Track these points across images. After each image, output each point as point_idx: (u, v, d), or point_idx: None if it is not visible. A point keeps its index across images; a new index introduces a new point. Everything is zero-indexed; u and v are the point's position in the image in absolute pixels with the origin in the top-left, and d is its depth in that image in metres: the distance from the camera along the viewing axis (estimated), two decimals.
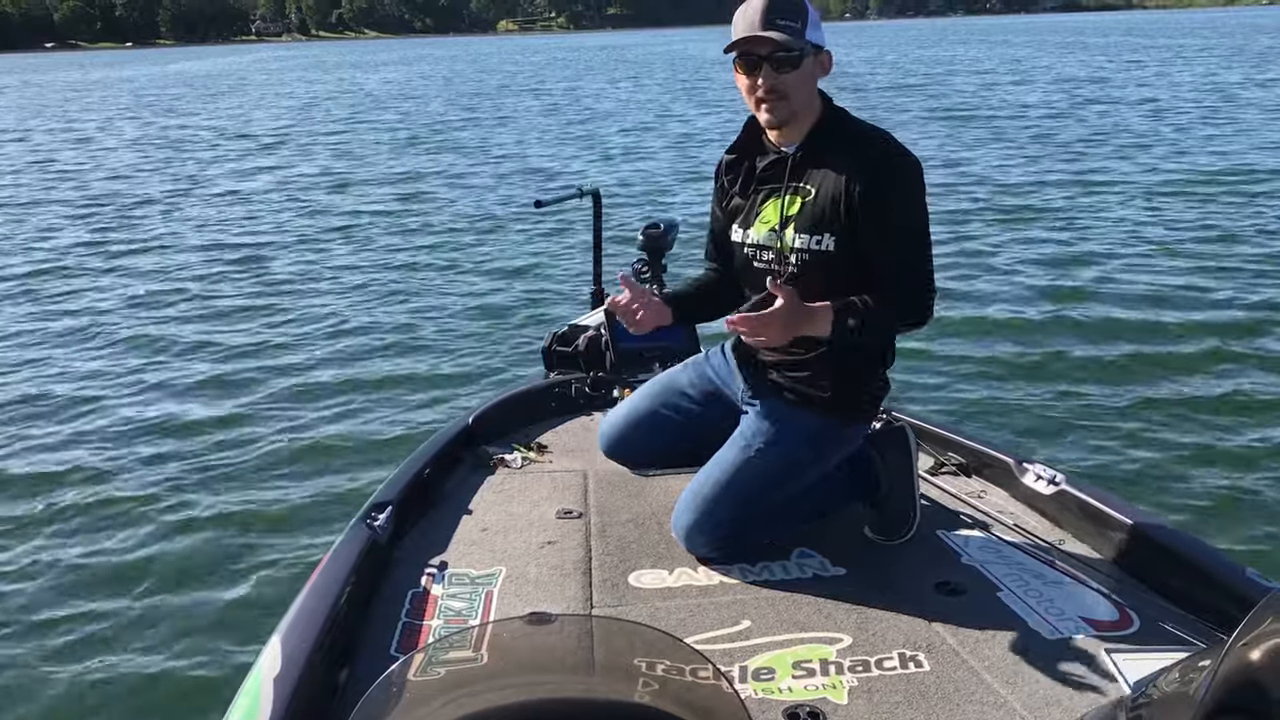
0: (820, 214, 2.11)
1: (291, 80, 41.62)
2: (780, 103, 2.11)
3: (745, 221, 2.24)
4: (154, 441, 4.77)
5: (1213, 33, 57.18)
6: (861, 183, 2.07)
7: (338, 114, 24.72)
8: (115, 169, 15.53)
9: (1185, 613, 1.88)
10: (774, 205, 2.19)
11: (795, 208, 2.15)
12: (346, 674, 1.74)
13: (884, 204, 2.07)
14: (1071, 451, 4.28)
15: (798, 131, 2.17)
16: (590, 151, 15.85)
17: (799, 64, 2.09)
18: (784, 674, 1.72)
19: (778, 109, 2.12)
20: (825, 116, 2.19)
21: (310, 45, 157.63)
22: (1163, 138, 14.50)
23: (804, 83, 2.12)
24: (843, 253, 2.10)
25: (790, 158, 2.18)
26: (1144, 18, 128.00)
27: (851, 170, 2.09)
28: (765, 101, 2.12)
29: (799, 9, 2.10)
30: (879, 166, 2.09)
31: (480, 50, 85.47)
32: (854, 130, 2.18)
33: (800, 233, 2.13)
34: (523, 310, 6.93)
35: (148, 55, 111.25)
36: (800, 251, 2.14)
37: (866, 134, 2.18)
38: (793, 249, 2.15)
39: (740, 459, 2.18)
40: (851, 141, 2.14)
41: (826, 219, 2.10)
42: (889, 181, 2.09)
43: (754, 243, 2.22)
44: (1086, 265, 7.47)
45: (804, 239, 2.13)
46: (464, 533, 2.29)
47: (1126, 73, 28.31)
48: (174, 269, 8.61)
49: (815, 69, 2.15)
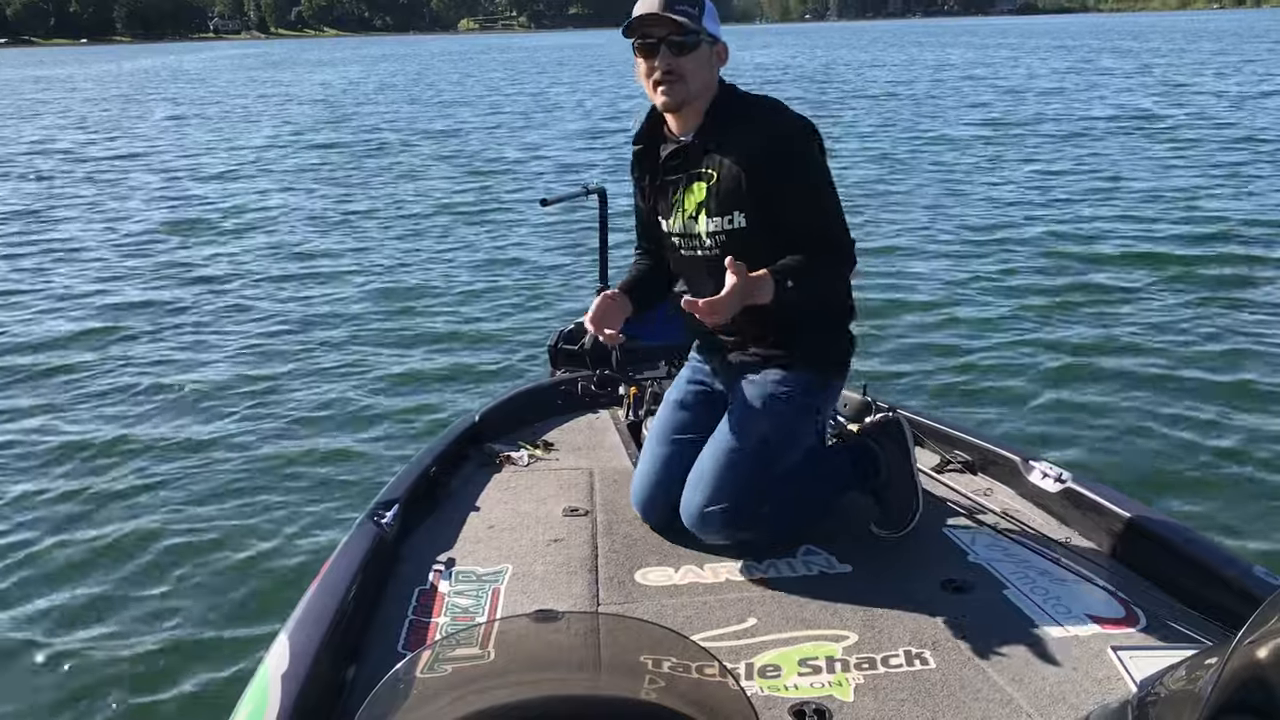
0: (726, 194, 2.18)
1: (262, 80, 41.50)
2: (677, 85, 2.17)
3: (665, 212, 2.32)
4: (160, 439, 4.78)
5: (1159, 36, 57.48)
6: (761, 156, 2.14)
7: (322, 112, 24.63)
8: (109, 160, 15.58)
9: (1192, 610, 1.87)
10: (683, 193, 2.25)
11: (702, 193, 2.21)
12: (354, 671, 1.75)
13: (787, 171, 2.14)
14: (1078, 449, 4.27)
15: (694, 118, 2.23)
16: (593, 149, 15.85)
17: (696, 47, 2.15)
18: (790, 671, 1.72)
19: (674, 91, 2.17)
20: (717, 98, 2.24)
21: (271, 43, 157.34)
22: (1162, 135, 14.47)
23: (701, 68, 2.18)
24: (755, 227, 2.17)
25: (689, 144, 2.23)
26: (1095, 20, 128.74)
27: (748, 146, 2.15)
28: (662, 84, 2.17)
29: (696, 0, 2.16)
30: (773, 136, 2.16)
31: (448, 48, 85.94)
32: (744, 105, 2.24)
33: (712, 216, 2.20)
34: (529, 308, 6.93)
35: (103, 53, 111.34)
36: (715, 234, 2.21)
37: (755, 105, 2.24)
38: (709, 233, 2.22)
39: (735, 430, 2.20)
40: (743, 117, 2.21)
41: (733, 197, 2.17)
42: (786, 148, 2.15)
43: (676, 232, 2.30)
44: (1092, 262, 7.46)
45: (716, 221, 2.20)
46: (471, 530, 2.30)
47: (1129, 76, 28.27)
48: (174, 267, 8.62)
49: (713, 58, 2.21)
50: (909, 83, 27.57)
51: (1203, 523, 3.46)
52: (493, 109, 24.15)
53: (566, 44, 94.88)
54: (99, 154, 16.85)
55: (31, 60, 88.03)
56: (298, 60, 66.32)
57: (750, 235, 2.17)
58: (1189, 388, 4.92)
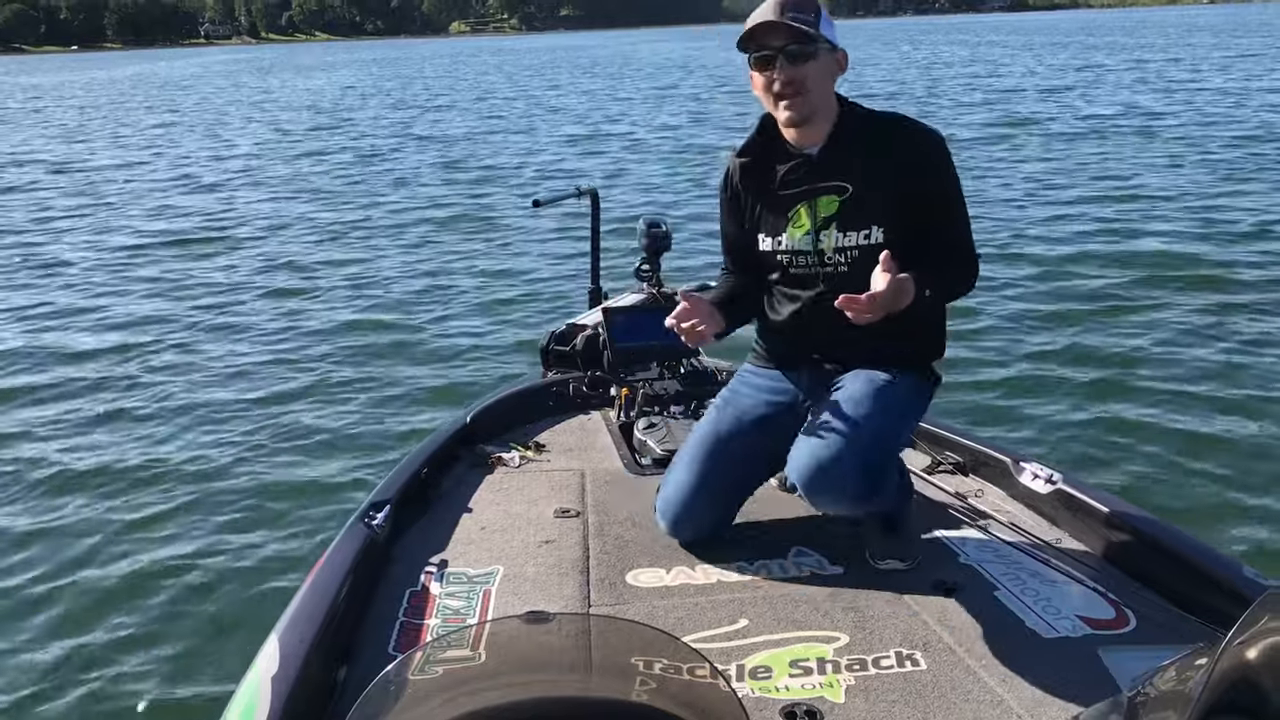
0: (866, 208, 2.08)
1: (253, 86, 41.39)
2: (799, 98, 2.05)
3: (774, 229, 2.18)
4: (151, 441, 4.77)
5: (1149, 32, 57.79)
6: (913, 174, 2.06)
7: (314, 117, 24.57)
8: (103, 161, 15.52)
9: (1182, 611, 1.88)
10: (805, 209, 2.13)
11: (834, 207, 2.11)
12: (345, 673, 1.74)
13: (936, 186, 2.08)
14: (1068, 450, 4.28)
15: (819, 131, 2.12)
16: (585, 150, 15.85)
17: (815, 55, 2.05)
18: (781, 673, 1.72)
19: (797, 105, 2.06)
20: (844, 112, 2.15)
21: (261, 48, 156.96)
22: (1166, 129, 14.52)
23: (822, 77, 2.08)
24: (892, 241, 2.06)
25: (816, 158, 2.13)
26: (1087, 17, 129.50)
27: (896, 164, 2.07)
28: (784, 97, 2.06)
29: (811, 5, 2.06)
30: (917, 150, 2.09)
31: (439, 51, 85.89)
32: (877, 120, 2.15)
33: (845, 230, 2.10)
34: (521, 309, 6.92)
35: (93, 59, 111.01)
36: (846, 249, 2.10)
37: (886, 119, 2.16)
38: (836, 248, 2.11)
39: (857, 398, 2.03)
40: (881, 133, 2.12)
41: (872, 212, 2.08)
42: (931, 163, 2.08)
43: (788, 249, 2.16)
44: (1082, 262, 7.48)
45: (850, 236, 2.09)
46: (462, 531, 2.29)
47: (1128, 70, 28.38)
48: (164, 271, 8.60)
49: (832, 66, 2.10)
50: (908, 83, 27.60)
51: (1193, 524, 3.47)
52: (485, 113, 24.14)
53: (558, 45, 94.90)
54: (83, 165, 16.71)
55: (24, 68, 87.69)
56: (288, 65, 66.27)
57: (885, 250, 2.01)
58: (1180, 389, 4.94)
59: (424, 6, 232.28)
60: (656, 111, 22.14)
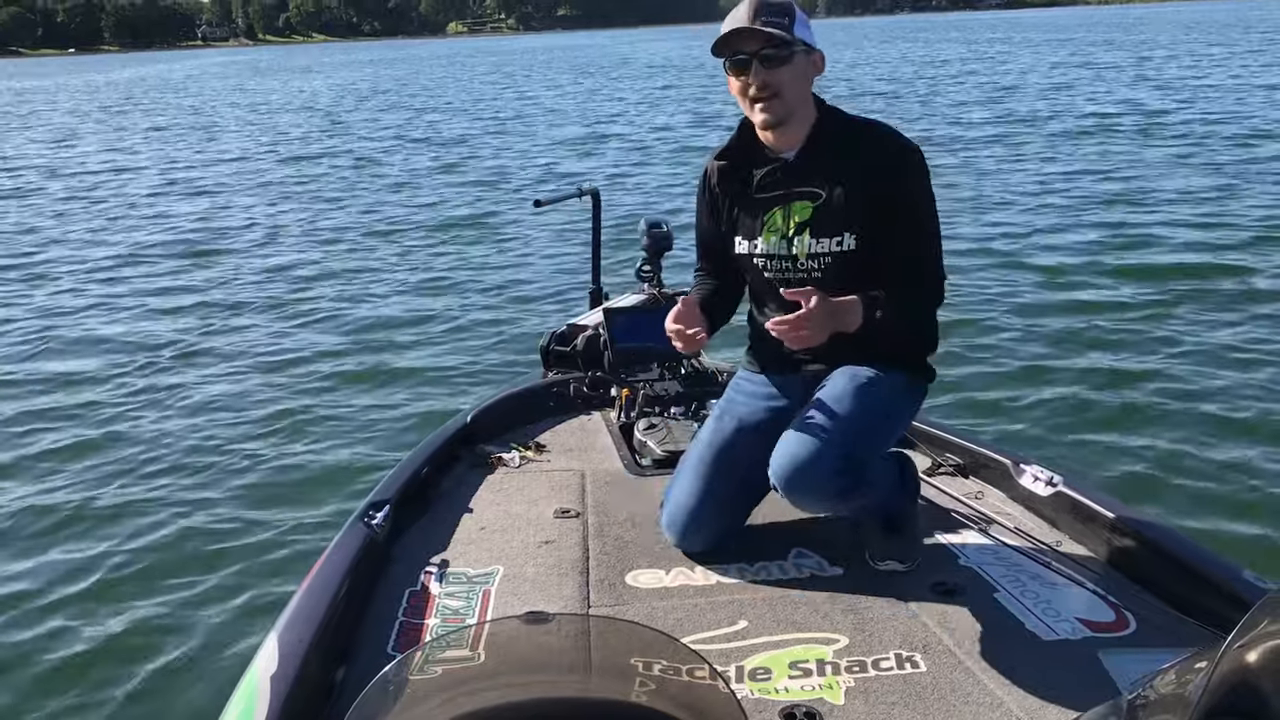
0: (838, 214, 2.07)
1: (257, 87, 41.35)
2: (775, 101, 2.06)
3: (749, 232, 2.18)
4: (150, 440, 4.77)
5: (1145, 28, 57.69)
6: (880, 178, 2.05)
7: (311, 120, 24.47)
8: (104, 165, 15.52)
9: (1182, 614, 1.88)
10: (779, 213, 2.13)
11: (807, 213, 2.10)
12: (344, 672, 1.74)
13: (907, 199, 2.06)
14: (1069, 452, 4.27)
15: (796, 134, 2.12)
16: (585, 151, 15.84)
17: (789, 60, 2.05)
18: (780, 674, 1.72)
19: (772, 108, 2.07)
20: (822, 117, 2.14)
21: (259, 50, 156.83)
22: (1167, 126, 14.51)
23: (797, 80, 2.08)
24: (863, 249, 2.05)
25: (792, 162, 2.13)
26: (1084, 13, 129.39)
27: (865, 167, 2.06)
28: (759, 100, 2.06)
29: (785, 8, 2.06)
30: (895, 161, 2.07)
31: (437, 52, 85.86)
32: (854, 126, 2.14)
33: (817, 236, 2.08)
34: (521, 309, 6.92)
35: (90, 62, 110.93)
36: (819, 256, 2.09)
37: (869, 128, 2.14)
38: (809, 254, 2.10)
39: (840, 393, 2.02)
40: (855, 138, 2.11)
41: (845, 218, 2.06)
42: (907, 176, 2.07)
43: (762, 253, 2.16)
44: (1084, 264, 7.47)
45: (823, 242, 2.08)
46: (462, 532, 2.29)
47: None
48: (160, 272, 8.60)
49: (808, 68, 2.10)
50: (908, 81, 27.60)
51: (1193, 527, 3.47)
52: (482, 113, 24.12)
53: (555, 45, 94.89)
54: (75, 169, 16.64)
55: (19, 71, 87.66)
56: (285, 67, 66.17)
57: (855, 259, 2.05)
58: (1180, 391, 4.93)
59: (421, 7, 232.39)
60: (655, 112, 22.13)
